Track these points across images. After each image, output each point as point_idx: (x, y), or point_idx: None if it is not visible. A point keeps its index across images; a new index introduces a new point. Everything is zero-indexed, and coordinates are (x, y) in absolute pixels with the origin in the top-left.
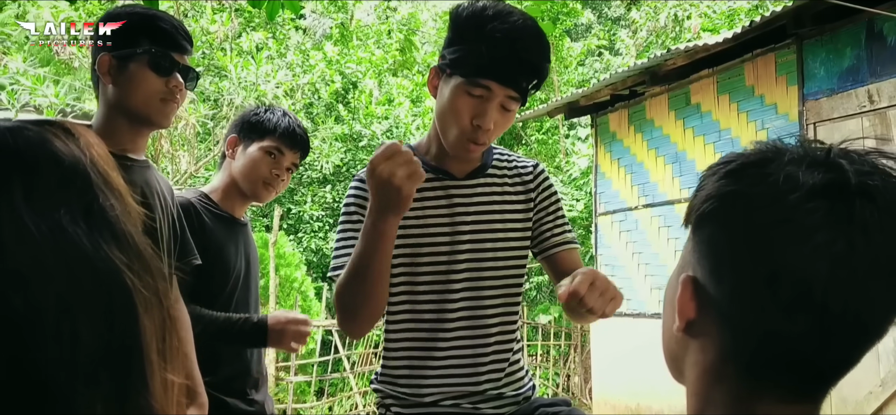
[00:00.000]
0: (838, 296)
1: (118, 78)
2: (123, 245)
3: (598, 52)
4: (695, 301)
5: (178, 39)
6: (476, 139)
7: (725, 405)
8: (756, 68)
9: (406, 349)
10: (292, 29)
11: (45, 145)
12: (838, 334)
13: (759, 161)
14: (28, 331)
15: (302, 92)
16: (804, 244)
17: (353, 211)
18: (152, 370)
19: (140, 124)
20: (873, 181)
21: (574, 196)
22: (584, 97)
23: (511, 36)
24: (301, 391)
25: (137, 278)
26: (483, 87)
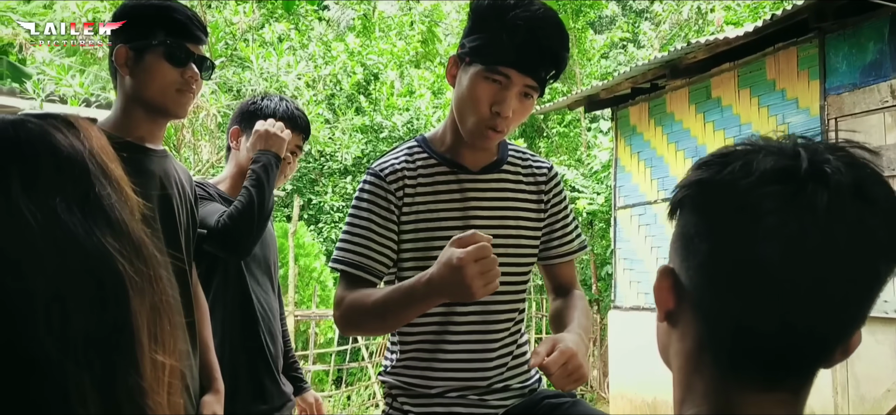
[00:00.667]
0: (794, 278)
1: (135, 69)
2: (117, 232)
3: (622, 44)
4: (672, 292)
5: (193, 30)
6: (494, 126)
7: (705, 393)
8: (778, 62)
9: (416, 342)
10: (315, 20)
11: (45, 137)
12: (799, 316)
13: (726, 153)
14: (22, 311)
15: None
16: (758, 227)
17: (363, 207)
18: (143, 352)
19: (157, 114)
20: (827, 167)
21: (595, 189)
22: (604, 90)
23: (531, 24)
24: (319, 380)
25: (129, 264)
26: (503, 75)
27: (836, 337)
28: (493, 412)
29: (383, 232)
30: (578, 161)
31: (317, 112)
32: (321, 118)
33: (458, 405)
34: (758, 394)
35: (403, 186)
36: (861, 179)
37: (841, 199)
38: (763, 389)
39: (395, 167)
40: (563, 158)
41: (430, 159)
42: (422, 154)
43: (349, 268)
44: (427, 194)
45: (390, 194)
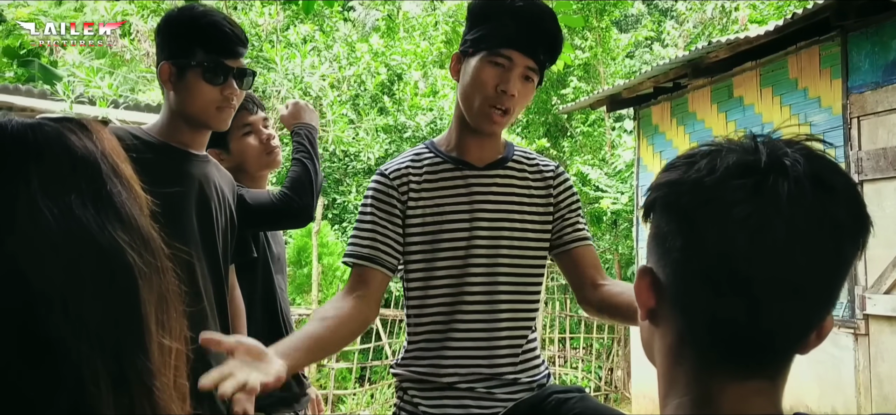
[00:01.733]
0: (761, 266)
1: (177, 85)
2: (127, 227)
3: (648, 43)
4: (652, 290)
5: (232, 45)
6: (500, 103)
7: (686, 385)
8: (800, 61)
9: (424, 334)
10: (340, 21)
11: (61, 139)
12: (769, 304)
13: (693, 153)
14: (40, 298)
15: (348, 84)
16: (724, 221)
17: (368, 205)
18: (150, 336)
19: (199, 127)
20: (786, 159)
21: (618, 189)
22: (626, 90)
23: (530, 10)
24: (342, 378)
25: (138, 256)
26: (505, 57)
27: (808, 323)
28: (501, 406)
29: (387, 226)
30: (602, 161)
31: (341, 112)
32: (345, 119)
33: (467, 398)
34: (736, 383)
35: (408, 183)
36: (819, 169)
37: (801, 187)
38: (741, 377)
39: (399, 167)
40: (586, 158)
41: (436, 158)
42: (428, 154)
43: (358, 260)
44: (433, 190)
45: (393, 190)
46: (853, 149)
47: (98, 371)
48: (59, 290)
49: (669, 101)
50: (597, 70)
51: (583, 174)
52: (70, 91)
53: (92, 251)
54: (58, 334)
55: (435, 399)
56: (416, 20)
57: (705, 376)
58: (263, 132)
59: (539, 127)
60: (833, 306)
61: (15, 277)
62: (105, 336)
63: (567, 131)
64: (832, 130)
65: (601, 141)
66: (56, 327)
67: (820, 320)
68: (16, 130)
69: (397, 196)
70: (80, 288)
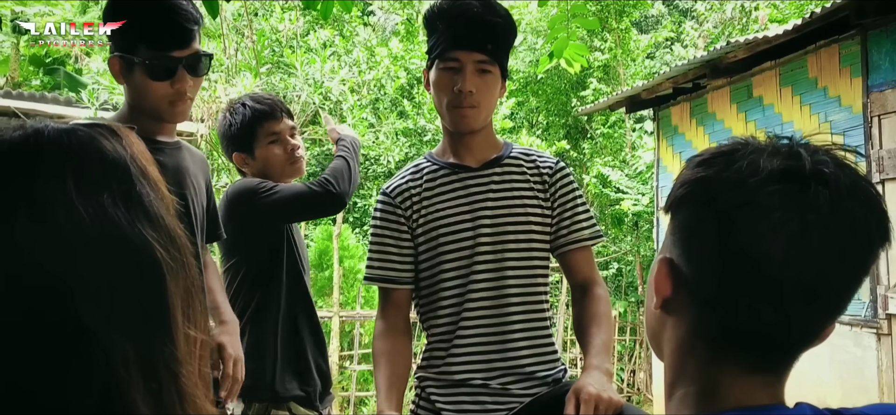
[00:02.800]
0: (794, 272)
1: (128, 80)
2: (155, 225)
3: (668, 44)
4: (670, 280)
5: (179, 35)
6: (461, 103)
7: (695, 376)
8: (819, 60)
9: (436, 334)
10: (360, 26)
11: (93, 143)
12: (795, 309)
13: (728, 151)
14: (76, 289)
15: (367, 88)
16: (762, 224)
17: (378, 226)
18: (177, 326)
19: (157, 120)
20: (827, 168)
21: (639, 190)
22: (645, 91)
23: (458, 9)
24: (364, 380)
25: (166, 252)
26: (453, 60)
27: (823, 325)
28: (517, 401)
29: (398, 244)
30: (623, 162)
31: (360, 116)
32: (365, 123)
33: (482, 394)
34: (744, 375)
35: (410, 198)
36: (854, 180)
37: (840, 197)
38: (750, 371)
39: (400, 185)
40: (607, 159)
41: (434, 166)
42: (426, 164)
43: (379, 283)
44: (434, 198)
45: (398, 208)
46: (874, 148)
47: (128, 358)
48: (92, 281)
49: (689, 102)
50: (617, 71)
51: (603, 176)
52: (95, 98)
53: (122, 247)
54: (91, 322)
55: (451, 395)
56: None
57: (714, 368)
58: (289, 142)
59: (559, 129)
60: (844, 311)
61: (52, 269)
62: (135, 326)
63: (587, 133)
64: (852, 128)
65: (621, 142)
66: (89, 316)
67: (831, 323)
68: (52, 134)
69: (402, 213)
70: (111, 280)
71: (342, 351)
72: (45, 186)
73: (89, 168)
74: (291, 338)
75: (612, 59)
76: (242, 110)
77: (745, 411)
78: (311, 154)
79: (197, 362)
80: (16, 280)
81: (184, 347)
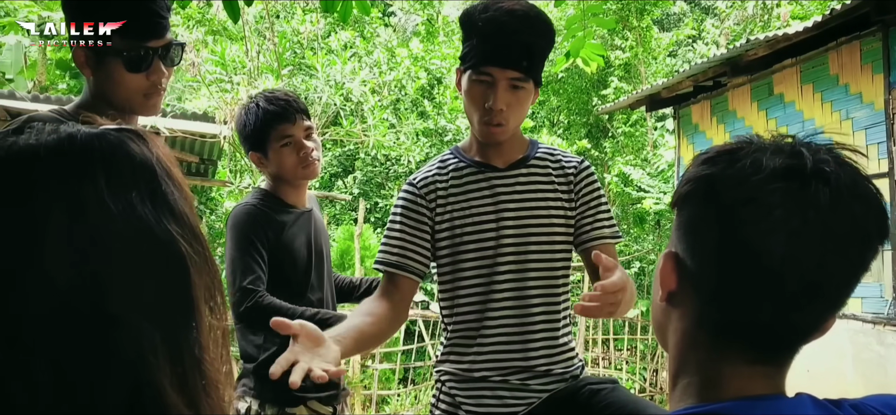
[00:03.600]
0: (794, 267)
1: (97, 72)
2: (180, 222)
3: (690, 41)
4: (675, 274)
5: (154, 24)
6: (492, 121)
7: (697, 366)
8: (840, 57)
9: (458, 330)
10: (381, 27)
11: (122, 146)
12: (795, 302)
13: (732, 149)
14: (107, 280)
15: (388, 89)
16: (764, 220)
17: (398, 213)
18: (201, 316)
19: (127, 114)
20: (828, 167)
21: (661, 189)
22: (665, 89)
23: (496, 23)
24: (386, 379)
25: (189, 246)
26: (486, 74)
27: (823, 318)
28: (535, 396)
29: (415, 234)
30: (644, 161)
31: (381, 117)
32: (386, 123)
33: (501, 389)
34: (745, 366)
35: (435, 191)
36: (854, 179)
37: (840, 196)
38: (751, 362)
39: (426, 177)
40: (628, 158)
41: (461, 163)
42: (453, 159)
43: (389, 268)
44: (459, 195)
45: (421, 199)
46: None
47: (156, 344)
48: (122, 274)
49: (709, 100)
50: (638, 70)
51: (625, 174)
52: None
53: (150, 241)
54: (121, 312)
55: (471, 391)
56: (455, 24)
57: (717, 359)
58: (303, 145)
59: (580, 128)
60: (843, 306)
61: (85, 262)
62: (161, 314)
63: (608, 132)
64: (874, 125)
65: (643, 141)
66: (120, 307)
67: (830, 318)
68: (85, 137)
69: (425, 205)
70: (140, 273)
71: None
72: (78, 186)
73: (118, 169)
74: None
75: (633, 57)
76: (256, 110)
77: (745, 402)
78: (333, 155)
79: (220, 350)
80: (52, 275)
81: (207, 336)
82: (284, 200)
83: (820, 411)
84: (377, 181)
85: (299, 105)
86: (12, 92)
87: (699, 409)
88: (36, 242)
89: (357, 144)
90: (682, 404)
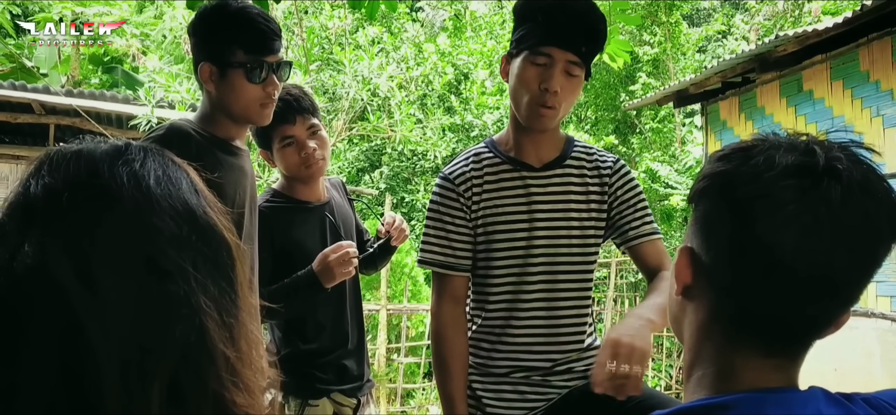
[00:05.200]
0: (805, 262)
1: (219, 85)
2: (219, 212)
3: (720, 36)
4: (691, 268)
5: (270, 42)
6: (545, 102)
7: (712, 358)
8: (871, 53)
9: (484, 328)
10: (408, 22)
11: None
12: (806, 296)
13: (747, 147)
14: (170, 263)
15: (415, 84)
16: (777, 216)
17: (440, 210)
18: (244, 294)
19: (242, 123)
20: (840, 164)
21: (688, 186)
22: (693, 85)
23: (563, 4)
24: (411, 372)
25: (231, 234)
26: (545, 55)
27: (835, 315)
28: (556, 393)
29: (459, 231)
30: (672, 157)
31: (408, 112)
32: (413, 118)
33: (523, 384)
34: (759, 359)
35: (471, 187)
36: (866, 176)
37: (851, 193)
38: (764, 355)
39: (463, 171)
40: (656, 154)
41: (496, 159)
42: (488, 154)
43: (436, 267)
44: (493, 192)
45: (460, 196)
46: None
47: (210, 312)
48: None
49: (737, 97)
50: (666, 65)
51: (652, 171)
52: (151, 95)
53: (200, 226)
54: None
55: (492, 385)
56: (483, 19)
57: (730, 352)
58: (305, 145)
59: (608, 124)
60: (856, 302)
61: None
62: (214, 289)
63: (636, 128)
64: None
65: (671, 137)
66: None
67: (843, 314)
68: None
69: (464, 201)
70: (198, 256)
71: (389, 344)
72: (142, 173)
73: (168, 166)
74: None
75: (662, 52)
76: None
77: (758, 394)
78: (360, 150)
79: (256, 323)
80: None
81: (246, 311)
82: (296, 196)
83: (832, 404)
84: (404, 176)
85: (302, 104)
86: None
87: (713, 400)
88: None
89: (384, 139)
90: (696, 395)
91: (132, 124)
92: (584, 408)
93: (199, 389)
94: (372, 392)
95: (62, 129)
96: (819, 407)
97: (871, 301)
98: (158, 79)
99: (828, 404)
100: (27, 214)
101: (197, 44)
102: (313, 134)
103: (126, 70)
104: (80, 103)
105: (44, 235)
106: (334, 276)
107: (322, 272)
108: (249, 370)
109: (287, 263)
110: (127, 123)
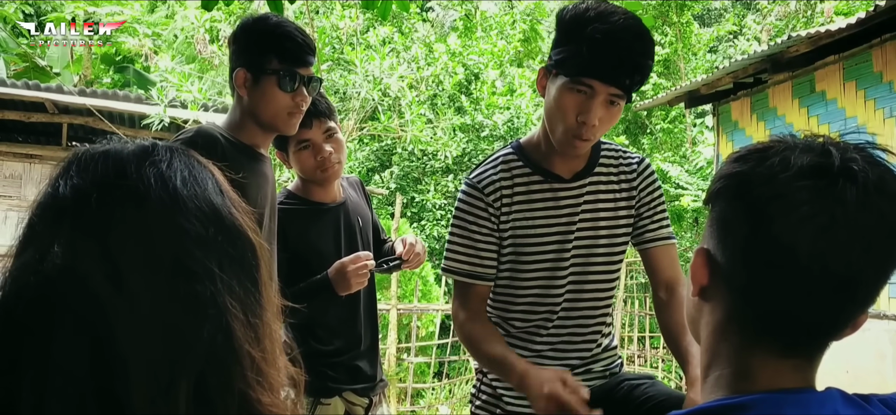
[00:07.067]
0: (822, 262)
1: (252, 91)
2: (243, 212)
3: (732, 37)
4: (707, 269)
5: (304, 55)
6: (581, 135)
7: (729, 358)
8: (885, 54)
9: (507, 331)
10: (419, 22)
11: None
12: (822, 297)
13: (763, 148)
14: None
15: (426, 84)
16: (792, 216)
17: (467, 218)
18: (266, 289)
19: (269, 131)
20: (856, 165)
21: (699, 186)
22: (704, 85)
23: (611, 36)
24: (421, 372)
25: (255, 235)
26: (586, 86)
27: (852, 316)
28: None
29: (486, 240)
30: (683, 158)
31: (418, 112)
32: (423, 118)
33: None
34: (776, 359)
35: (501, 197)
36: (882, 176)
37: (867, 193)
38: (781, 355)
39: (492, 179)
40: (667, 155)
41: (526, 168)
42: (517, 163)
43: (460, 277)
44: (523, 203)
45: (490, 206)
46: None
47: (234, 307)
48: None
49: (749, 97)
50: (677, 66)
51: (663, 171)
52: (163, 95)
53: (225, 227)
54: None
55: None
56: (493, 19)
57: (747, 352)
58: (321, 149)
59: (619, 123)
60: (873, 303)
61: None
62: (238, 286)
63: (647, 128)
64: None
65: (682, 138)
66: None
67: (861, 314)
68: (161, 144)
69: (492, 211)
70: (223, 255)
71: (399, 343)
72: (169, 174)
73: (194, 167)
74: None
75: (673, 53)
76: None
77: (775, 394)
78: (371, 149)
79: (276, 315)
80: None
81: (267, 305)
82: (312, 198)
83: (849, 404)
84: (414, 176)
85: (319, 107)
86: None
87: (730, 400)
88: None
89: (394, 139)
90: (713, 395)
91: (145, 124)
92: (602, 407)
93: (225, 388)
94: (385, 392)
95: (75, 128)
96: (836, 408)
97: (883, 303)
98: (170, 78)
99: (845, 405)
100: (57, 215)
101: (235, 51)
102: (329, 137)
103: (138, 69)
104: (94, 103)
105: (73, 235)
106: (350, 286)
107: (337, 280)
108: (274, 369)
109: (302, 264)
110: (139, 123)
